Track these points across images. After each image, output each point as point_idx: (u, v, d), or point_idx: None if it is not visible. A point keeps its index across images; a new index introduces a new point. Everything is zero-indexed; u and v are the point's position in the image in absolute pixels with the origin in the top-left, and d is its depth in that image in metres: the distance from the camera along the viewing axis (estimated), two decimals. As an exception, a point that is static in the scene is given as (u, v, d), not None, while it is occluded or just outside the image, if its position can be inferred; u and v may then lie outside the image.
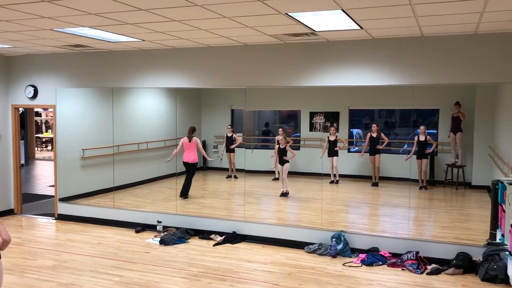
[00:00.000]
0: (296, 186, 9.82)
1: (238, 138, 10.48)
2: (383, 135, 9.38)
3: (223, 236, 7.35)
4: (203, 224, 7.67)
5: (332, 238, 6.72)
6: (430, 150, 8.83)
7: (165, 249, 6.97)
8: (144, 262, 6.35)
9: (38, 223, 8.60)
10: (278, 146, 9.26)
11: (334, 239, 6.67)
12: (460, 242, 6.42)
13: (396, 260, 6.27)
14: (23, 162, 14.37)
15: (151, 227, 7.91)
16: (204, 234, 7.51)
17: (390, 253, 6.48)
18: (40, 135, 20.06)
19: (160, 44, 7.25)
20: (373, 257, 6.34)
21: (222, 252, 6.79)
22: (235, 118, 11.12)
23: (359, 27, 5.69)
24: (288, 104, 10.68)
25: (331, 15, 5.06)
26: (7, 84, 8.94)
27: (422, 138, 8.82)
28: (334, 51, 6.77)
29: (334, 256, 6.55)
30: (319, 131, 10.08)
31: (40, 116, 21.16)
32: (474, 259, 5.99)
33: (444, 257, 6.19)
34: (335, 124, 9.77)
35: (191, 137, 9.20)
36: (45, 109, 19.93)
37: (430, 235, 7.20)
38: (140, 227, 7.95)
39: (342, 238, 6.68)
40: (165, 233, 7.59)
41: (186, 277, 5.82)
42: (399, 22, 5.38)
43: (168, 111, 9.47)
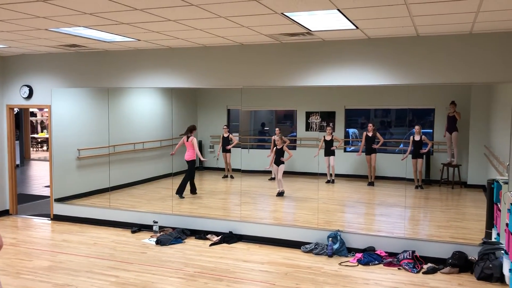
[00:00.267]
0: (293, 186, 9.82)
1: (234, 138, 10.47)
2: (378, 134, 9.40)
3: (220, 236, 7.35)
4: (200, 224, 7.67)
5: (328, 237, 6.72)
6: (425, 150, 8.86)
7: (161, 249, 6.96)
8: (140, 263, 6.34)
9: (33, 223, 8.57)
10: (275, 147, 9.24)
11: (331, 239, 6.68)
12: (456, 241, 6.45)
13: (392, 259, 6.29)
14: (18, 162, 14.34)
15: (147, 227, 7.90)
16: (200, 234, 7.51)
17: (386, 252, 6.49)
18: (35, 136, 20.00)
19: (155, 44, 7.24)
20: (369, 256, 6.36)
21: (219, 252, 6.78)
22: (232, 118, 11.11)
23: (354, 27, 5.70)
24: (284, 104, 10.69)
25: (327, 15, 5.07)
26: (2, 84, 8.89)
27: (417, 138, 8.84)
28: (330, 51, 6.77)
29: (331, 256, 6.55)
30: (316, 130, 10.09)
31: (36, 116, 21.09)
32: (470, 258, 6.01)
33: (440, 256, 6.21)
34: (331, 123, 9.78)
35: (188, 136, 9.24)
36: (40, 109, 19.87)
37: (426, 234, 7.22)
38: (136, 228, 7.94)
39: (339, 237, 6.69)
40: (161, 233, 7.58)
41: (183, 277, 5.81)
42: (395, 21, 5.40)
43: (164, 111, 9.46)
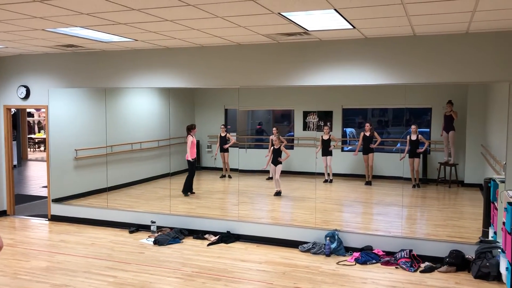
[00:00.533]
0: (290, 185, 9.83)
1: (232, 138, 10.47)
2: (376, 134, 9.42)
3: (217, 236, 7.35)
4: (197, 224, 7.67)
5: (326, 237, 6.73)
6: (422, 149, 8.88)
7: (159, 249, 6.96)
8: (138, 263, 6.33)
9: (31, 224, 8.55)
10: (273, 147, 9.25)
11: (328, 238, 6.69)
12: (453, 240, 6.46)
13: (389, 258, 6.30)
14: (15, 163, 14.27)
15: (145, 228, 7.89)
16: (198, 234, 7.51)
17: (383, 251, 6.51)
18: (32, 136, 19.95)
19: (153, 44, 7.24)
20: (367, 255, 6.37)
21: (217, 252, 6.79)
22: (229, 117, 11.11)
23: (351, 27, 5.71)
24: (282, 104, 10.69)
25: (324, 15, 5.07)
26: (-1, 85, 8.90)
27: (414, 137, 8.86)
28: (327, 51, 6.78)
29: (328, 255, 6.56)
30: (313, 130, 10.10)
31: (33, 116, 21.04)
32: (467, 256, 6.03)
33: (437, 255, 6.23)
34: (328, 123, 9.79)
35: (187, 135, 9.28)
36: (37, 109, 19.82)
37: (423, 233, 7.24)
38: (134, 228, 7.93)
39: (336, 237, 6.71)
40: (159, 233, 7.57)
41: (181, 277, 5.81)
42: (391, 21, 5.41)
43: (162, 111, 9.45)
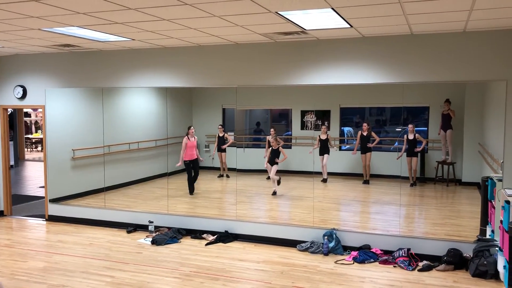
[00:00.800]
0: (288, 185, 9.83)
1: (229, 138, 10.46)
2: (374, 134, 9.42)
3: (215, 236, 7.34)
4: (195, 223, 7.66)
5: (324, 236, 6.74)
6: (420, 148, 8.88)
7: (157, 249, 6.95)
8: (136, 263, 6.32)
9: (28, 224, 8.53)
10: (271, 148, 9.25)
11: (326, 237, 6.69)
12: (451, 238, 6.47)
13: (387, 257, 6.31)
14: (12, 163, 14.27)
15: (142, 227, 7.88)
16: (196, 234, 7.50)
17: (381, 250, 6.51)
18: (29, 136, 19.91)
19: (150, 43, 7.22)
20: (365, 254, 6.37)
21: (215, 252, 6.78)
22: (227, 117, 11.10)
23: (349, 26, 5.71)
24: (279, 103, 10.67)
25: (321, 14, 5.07)
26: (-4, 85, 8.87)
27: (411, 137, 8.87)
28: (325, 50, 6.78)
29: (326, 254, 6.57)
30: (311, 129, 10.09)
31: (30, 116, 20.99)
32: (465, 255, 6.04)
33: (435, 253, 6.24)
34: (326, 122, 9.78)
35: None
36: (34, 109, 19.78)
37: (421, 232, 7.24)
38: (132, 228, 7.92)
39: (334, 236, 6.71)
40: (157, 233, 7.56)
41: (179, 277, 5.80)
42: (389, 20, 5.40)
43: (159, 110, 9.43)
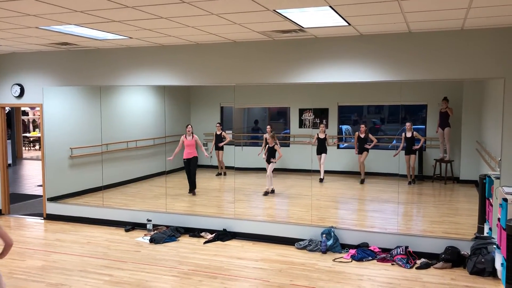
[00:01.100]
0: (286, 183, 9.83)
1: (227, 136, 10.45)
2: (371, 135, 9.42)
3: (214, 234, 7.35)
4: (193, 222, 7.66)
5: (322, 234, 6.74)
6: (418, 146, 8.90)
7: (155, 247, 6.95)
8: (134, 261, 6.32)
9: (26, 223, 8.52)
10: (268, 145, 9.26)
11: (324, 235, 6.69)
12: (449, 236, 6.49)
13: (385, 255, 6.32)
14: (10, 162, 14.23)
15: (141, 226, 7.88)
16: (194, 232, 7.50)
17: (379, 248, 6.52)
18: (27, 135, 19.86)
19: (148, 41, 7.21)
20: (363, 252, 6.38)
21: (213, 250, 6.78)
22: (225, 115, 11.09)
23: (347, 24, 5.71)
24: (278, 101, 10.68)
25: (319, 12, 5.06)
26: (-7, 83, 8.84)
27: (409, 135, 8.89)
28: (323, 48, 6.78)
29: (324, 252, 6.57)
30: (309, 127, 10.10)
31: (27, 115, 20.94)
32: (463, 253, 6.05)
33: (433, 251, 6.25)
34: (324, 121, 9.78)
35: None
36: (32, 108, 19.73)
37: (419, 229, 7.26)
38: (130, 226, 7.92)
39: (332, 234, 6.71)
40: (155, 231, 7.56)
41: (177, 275, 5.80)
42: (387, 18, 5.40)
43: (157, 109, 9.42)
